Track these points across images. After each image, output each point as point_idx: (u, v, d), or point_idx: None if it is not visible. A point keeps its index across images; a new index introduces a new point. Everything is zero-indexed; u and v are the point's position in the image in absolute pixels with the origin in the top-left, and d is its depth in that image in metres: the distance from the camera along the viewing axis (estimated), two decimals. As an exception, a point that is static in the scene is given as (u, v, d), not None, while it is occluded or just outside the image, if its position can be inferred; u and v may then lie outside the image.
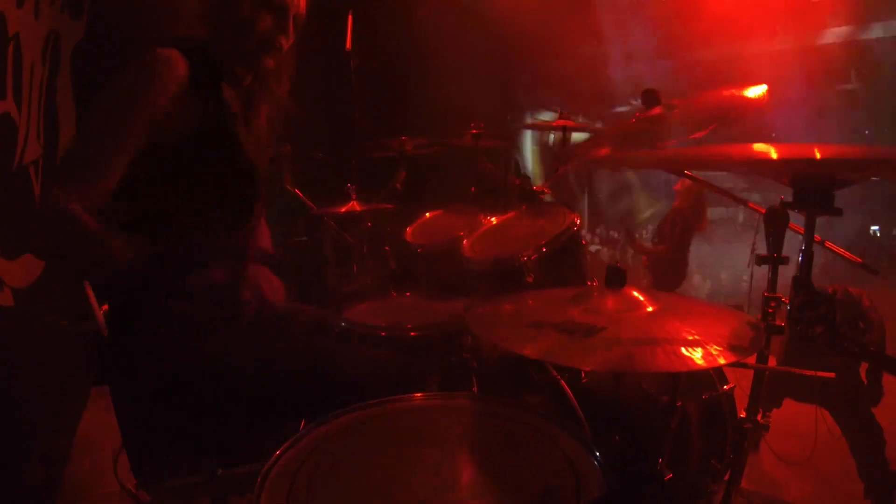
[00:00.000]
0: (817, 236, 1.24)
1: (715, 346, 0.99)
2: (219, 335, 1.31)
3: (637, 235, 5.05)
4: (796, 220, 1.10)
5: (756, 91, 1.53)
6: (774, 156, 0.91)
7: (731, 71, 4.50)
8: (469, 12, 5.19)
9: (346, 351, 1.60)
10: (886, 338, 2.51)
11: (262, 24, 1.34)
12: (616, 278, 1.23)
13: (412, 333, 1.70)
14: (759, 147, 0.92)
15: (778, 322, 1.16)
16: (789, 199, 1.02)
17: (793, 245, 1.15)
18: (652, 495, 1.15)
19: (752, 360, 1.26)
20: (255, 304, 1.39)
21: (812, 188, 0.96)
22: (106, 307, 1.36)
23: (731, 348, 0.99)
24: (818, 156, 0.86)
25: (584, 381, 1.51)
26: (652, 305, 1.19)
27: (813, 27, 4.49)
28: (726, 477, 1.47)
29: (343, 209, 2.84)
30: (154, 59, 1.21)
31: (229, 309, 1.35)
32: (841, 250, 1.76)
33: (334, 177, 3.77)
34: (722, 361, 0.97)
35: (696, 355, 0.97)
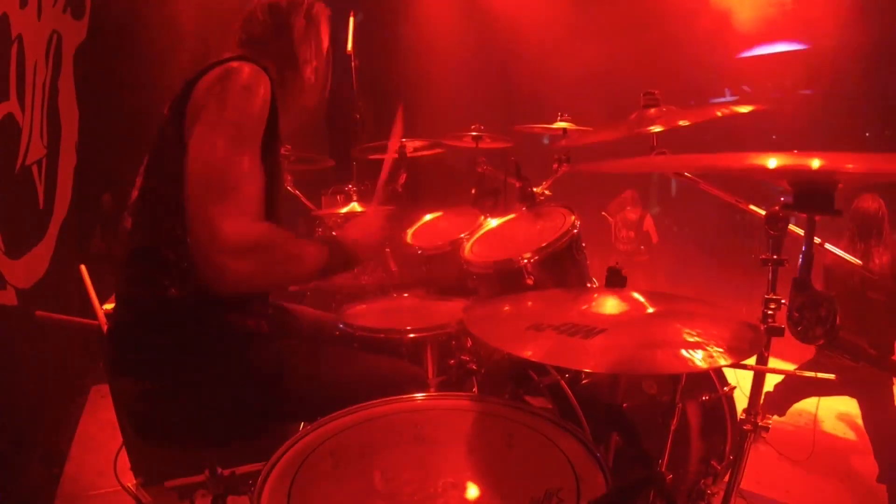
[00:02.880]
0: (817, 238, 1.24)
1: (715, 348, 1.00)
2: (220, 335, 1.31)
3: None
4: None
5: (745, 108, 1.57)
6: (771, 166, 0.91)
7: (733, 72, 4.50)
8: (470, 14, 5.20)
9: (345, 352, 1.60)
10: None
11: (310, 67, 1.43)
12: (616, 280, 1.24)
13: (412, 335, 1.70)
14: (757, 156, 0.92)
15: (778, 323, 1.17)
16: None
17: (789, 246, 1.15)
18: (652, 496, 1.15)
19: (752, 361, 1.27)
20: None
21: (812, 190, 0.96)
22: (109, 303, 1.35)
23: (732, 350, 1.00)
24: (815, 166, 0.86)
25: (584, 382, 1.51)
26: (652, 307, 1.19)
27: (814, 29, 4.50)
28: (726, 478, 1.47)
29: (343, 210, 2.84)
30: (253, 72, 1.21)
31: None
32: (841, 252, 1.76)
33: (335, 178, 3.78)
34: (722, 363, 0.97)
35: (697, 357, 0.97)
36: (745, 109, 1.63)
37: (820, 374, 1.28)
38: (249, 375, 1.28)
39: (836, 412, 3.04)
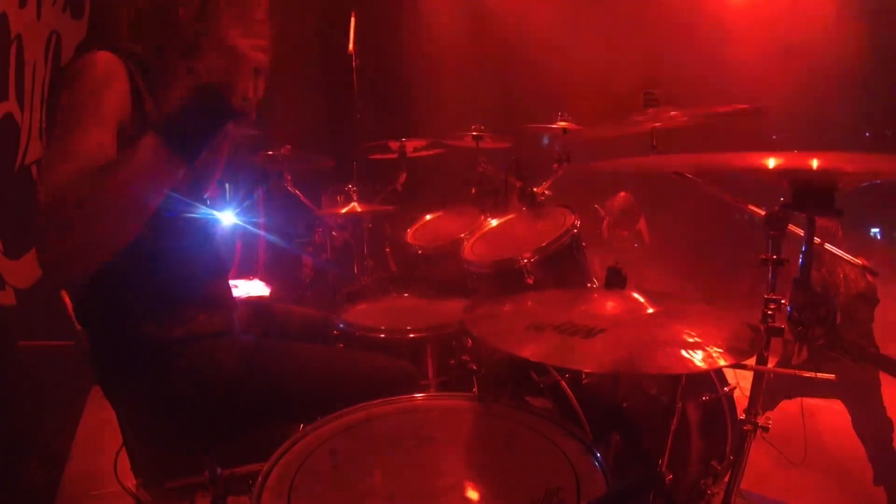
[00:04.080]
0: (817, 239, 1.24)
1: (715, 348, 1.00)
2: (217, 337, 1.31)
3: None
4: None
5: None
6: (771, 166, 0.91)
7: (735, 71, 4.49)
8: (471, 14, 5.20)
9: (345, 352, 1.60)
10: (885, 338, 2.54)
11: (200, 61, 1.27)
12: (616, 280, 1.24)
13: (412, 335, 1.70)
14: (757, 157, 0.92)
15: (778, 324, 1.17)
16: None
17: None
18: (652, 496, 1.15)
19: (752, 361, 1.27)
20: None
21: (812, 191, 0.96)
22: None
23: (732, 350, 1.00)
24: (815, 166, 0.86)
25: (584, 382, 1.51)
26: (652, 307, 1.19)
27: (816, 28, 4.49)
28: (726, 478, 1.47)
29: (343, 210, 2.85)
30: (103, 59, 1.15)
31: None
32: (841, 252, 1.76)
33: (335, 178, 3.79)
34: (722, 363, 0.97)
35: (697, 357, 0.97)
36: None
37: (820, 374, 1.28)
38: (239, 378, 1.27)
39: (837, 412, 3.04)
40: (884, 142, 5.32)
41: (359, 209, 2.83)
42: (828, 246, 1.64)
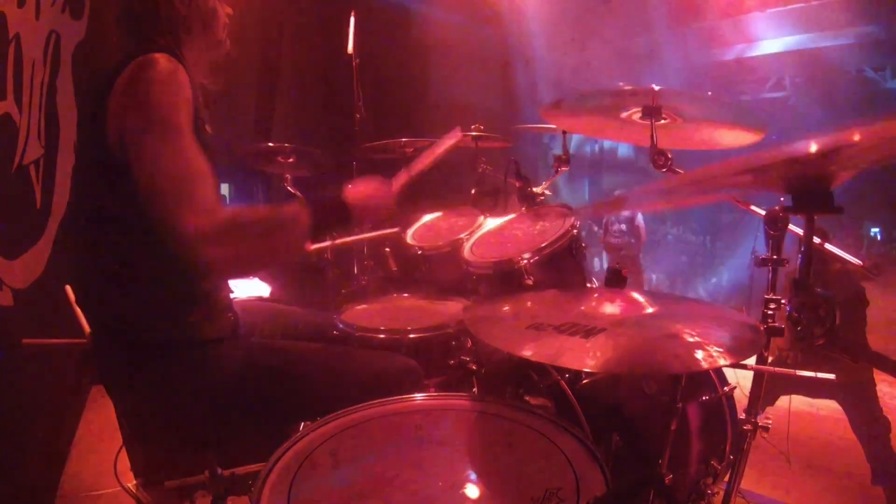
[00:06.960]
0: (816, 238, 1.24)
1: (715, 348, 1.00)
2: (219, 338, 1.31)
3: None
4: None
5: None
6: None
7: (737, 72, 4.50)
8: (471, 14, 5.20)
9: (345, 352, 1.60)
10: (885, 339, 2.54)
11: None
12: (616, 280, 1.24)
13: (412, 335, 1.70)
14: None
15: (778, 323, 1.17)
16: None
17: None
18: (652, 496, 1.15)
19: (752, 361, 1.27)
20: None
21: (810, 188, 0.95)
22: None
23: (732, 350, 1.00)
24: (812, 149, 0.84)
25: (584, 382, 1.51)
26: (652, 307, 1.19)
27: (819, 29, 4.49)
28: (726, 478, 1.47)
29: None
30: (170, 65, 1.17)
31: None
32: (841, 252, 1.76)
33: (335, 178, 3.78)
34: (722, 363, 0.97)
35: (697, 356, 0.97)
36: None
37: (820, 375, 1.28)
38: (240, 378, 1.28)
39: (835, 413, 3.04)
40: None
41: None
42: (828, 246, 1.64)
